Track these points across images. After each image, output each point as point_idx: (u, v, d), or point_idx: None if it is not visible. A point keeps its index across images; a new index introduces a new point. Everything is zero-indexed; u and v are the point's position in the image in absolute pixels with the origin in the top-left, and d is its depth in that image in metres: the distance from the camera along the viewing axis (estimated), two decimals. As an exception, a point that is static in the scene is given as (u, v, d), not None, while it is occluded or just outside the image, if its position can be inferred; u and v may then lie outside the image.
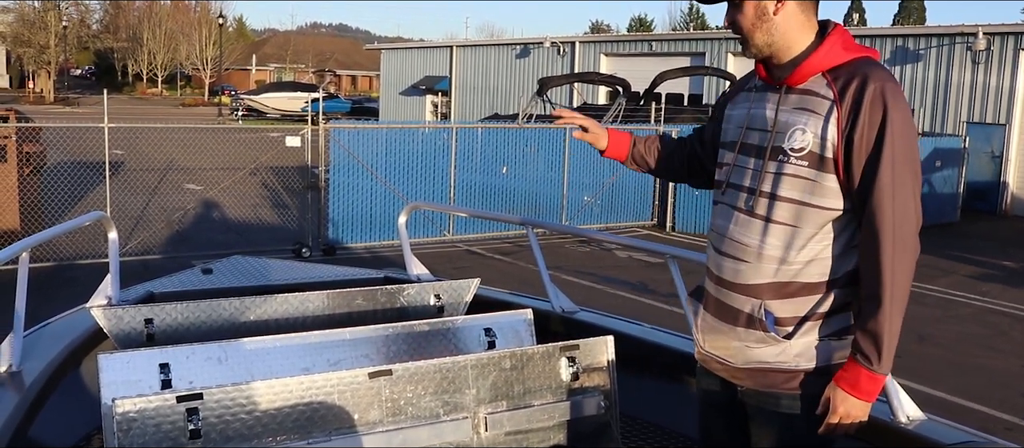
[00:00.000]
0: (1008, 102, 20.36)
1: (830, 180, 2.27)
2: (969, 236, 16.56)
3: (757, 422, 2.46)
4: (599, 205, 15.95)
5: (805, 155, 2.28)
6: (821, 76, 2.32)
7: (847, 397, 2.25)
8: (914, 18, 65.03)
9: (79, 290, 6.70)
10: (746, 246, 2.38)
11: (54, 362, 3.33)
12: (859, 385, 2.24)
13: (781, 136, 2.33)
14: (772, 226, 2.33)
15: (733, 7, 2.38)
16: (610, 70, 28.33)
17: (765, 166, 2.35)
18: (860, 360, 2.23)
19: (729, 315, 2.44)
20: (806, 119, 2.29)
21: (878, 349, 2.21)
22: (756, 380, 2.41)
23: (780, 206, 2.32)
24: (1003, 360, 8.44)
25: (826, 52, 2.32)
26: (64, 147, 13.71)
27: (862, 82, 2.23)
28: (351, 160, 12.99)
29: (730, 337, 2.44)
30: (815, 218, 2.30)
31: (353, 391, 2.74)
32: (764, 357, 2.38)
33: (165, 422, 2.48)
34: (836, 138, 2.24)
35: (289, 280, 4.86)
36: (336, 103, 46.55)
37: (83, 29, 70.79)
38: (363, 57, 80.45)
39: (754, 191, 2.37)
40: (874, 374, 2.23)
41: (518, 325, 3.80)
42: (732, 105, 2.57)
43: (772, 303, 2.35)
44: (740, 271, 2.39)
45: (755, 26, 2.35)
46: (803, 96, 2.33)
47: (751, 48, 2.39)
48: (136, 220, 13.74)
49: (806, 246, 2.31)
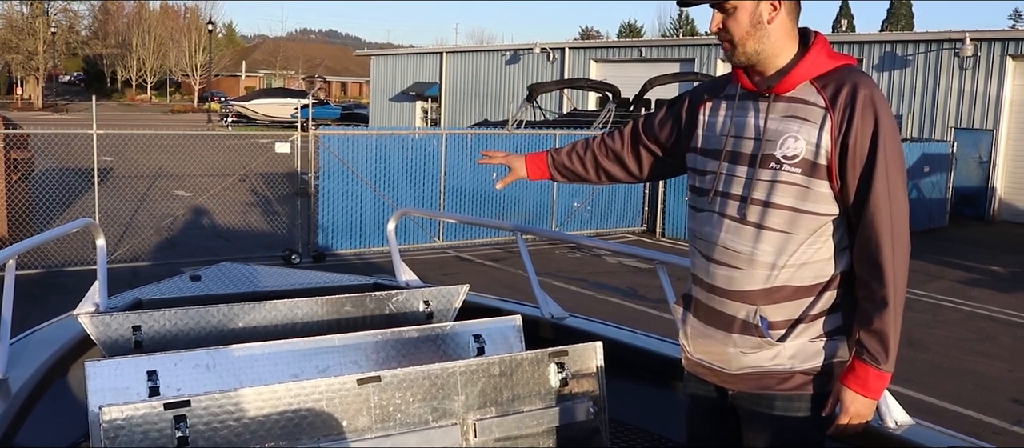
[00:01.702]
0: (995, 108, 20.47)
1: (822, 186, 2.31)
2: (957, 241, 16.63)
3: (751, 425, 2.47)
4: (589, 211, 15.96)
5: (798, 162, 2.31)
6: (809, 84, 2.35)
7: (857, 397, 2.30)
8: (902, 24, 65.37)
9: (67, 297, 6.68)
10: (738, 253, 2.39)
11: (41, 369, 3.31)
12: (868, 384, 2.29)
13: (772, 144, 2.35)
14: (765, 233, 2.35)
15: (724, 13, 2.37)
16: (600, 76, 28.38)
17: (757, 174, 2.36)
18: (868, 360, 2.28)
19: (722, 322, 2.45)
20: (798, 127, 2.32)
21: (885, 348, 2.27)
22: (749, 384, 2.43)
23: (773, 213, 2.34)
24: (991, 365, 8.48)
25: (813, 60, 2.35)
26: (52, 154, 13.65)
27: (852, 89, 2.28)
28: (341, 166, 12.97)
29: (724, 344, 2.45)
30: (808, 224, 2.33)
31: (342, 398, 2.74)
32: (759, 361, 2.40)
33: (152, 430, 2.47)
34: (830, 145, 2.28)
35: (278, 287, 4.85)
36: (326, 109, 46.48)
37: (72, 35, 70.52)
38: (353, 63, 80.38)
39: (746, 199, 2.38)
40: (882, 373, 2.29)
41: (507, 331, 3.80)
42: (709, 112, 2.56)
43: (766, 308, 2.37)
44: (733, 278, 2.40)
45: (748, 34, 2.36)
46: (791, 104, 2.35)
47: (739, 56, 2.39)
48: (125, 227, 13.70)
49: (798, 251, 2.34)
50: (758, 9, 2.34)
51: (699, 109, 2.60)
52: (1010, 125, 20.47)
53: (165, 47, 72.63)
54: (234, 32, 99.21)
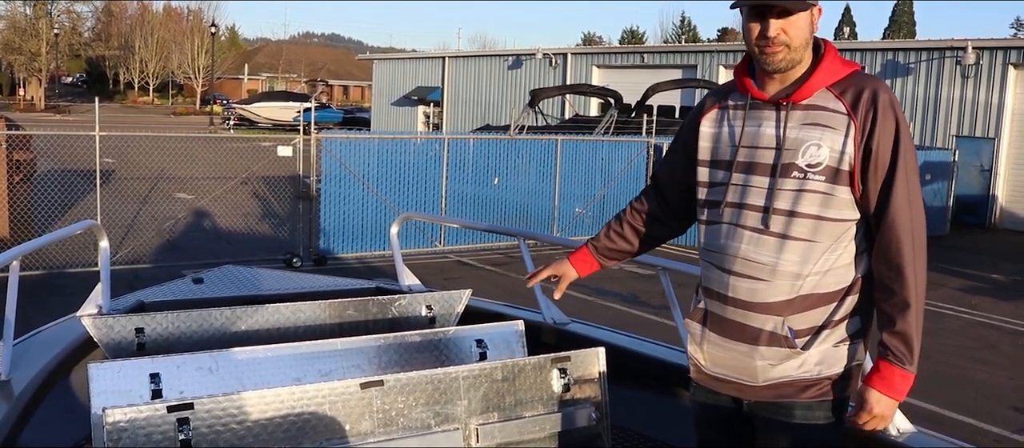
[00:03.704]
0: (997, 116, 20.47)
1: (844, 192, 2.31)
2: (959, 249, 16.62)
3: (769, 433, 2.45)
4: (590, 216, 15.96)
5: (822, 170, 2.31)
6: (826, 90, 2.34)
7: (882, 397, 2.31)
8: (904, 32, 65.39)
9: (70, 299, 6.68)
10: (762, 265, 2.37)
11: (44, 371, 3.31)
12: (894, 385, 2.30)
13: (793, 153, 2.34)
14: (789, 242, 2.34)
15: (778, 16, 2.31)
16: (602, 82, 28.39)
17: (779, 184, 2.35)
18: (893, 361, 2.29)
19: (747, 335, 2.41)
20: (820, 134, 2.31)
21: (909, 349, 2.29)
22: (770, 393, 2.41)
23: (798, 222, 2.33)
24: (993, 373, 8.47)
25: (829, 67, 2.36)
26: (55, 155, 13.67)
27: (873, 94, 2.29)
28: (343, 170, 12.98)
29: (749, 357, 2.41)
30: (831, 230, 2.33)
31: (344, 402, 2.74)
32: (786, 372, 2.38)
33: (156, 432, 2.48)
34: (853, 151, 2.29)
35: (280, 290, 4.85)
36: (328, 113, 46.56)
37: (75, 37, 70.55)
38: (355, 67, 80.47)
39: (767, 209, 2.36)
40: (907, 373, 2.30)
41: (509, 336, 3.80)
42: (712, 123, 2.54)
43: (793, 318, 2.36)
44: (757, 290, 2.38)
45: (808, 41, 2.34)
46: (810, 111, 2.34)
47: (785, 59, 2.34)
48: (127, 229, 13.70)
49: (821, 259, 2.34)
50: (812, 15, 2.34)
51: (700, 122, 2.57)
52: (1011, 133, 20.48)
53: (168, 49, 72.71)
54: (237, 35, 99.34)
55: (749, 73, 2.47)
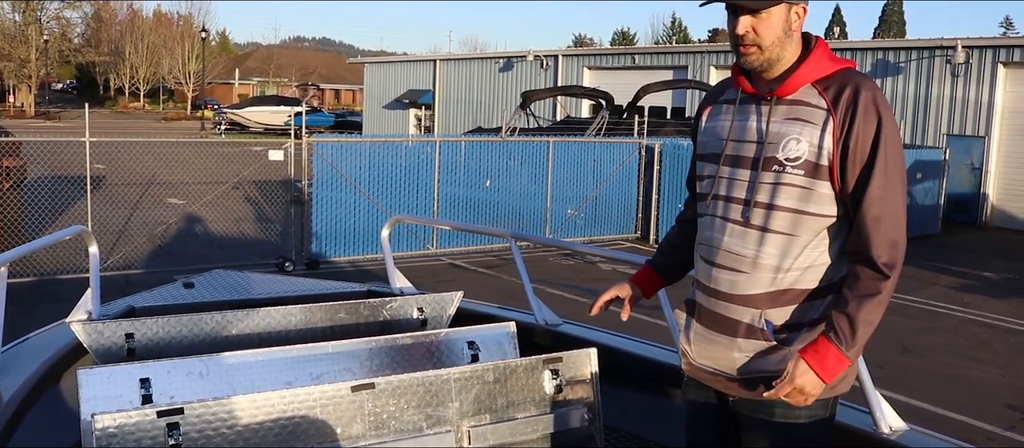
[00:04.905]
0: (987, 114, 20.55)
1: (825, 187, 2.31)
2: (950, 248, 16.67)
3: (750, 432, 2.46)
4: (583, 218, 15.96)
5: (801, 164, 2.31)
6: (811, 86, 2.35)
7: (808, 371, 2.25)
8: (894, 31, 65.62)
9: (59, 305, 6.65)
10: (742, 257, 2.38)
11: (33, 377, 3.29)
12: (825, 362, 2.25)
13: (774, 146, 2.35)
14: (769, 236, 2.35)
15: (751, 16, 2.32)
16: (593, 83, 28.41)
17: (759, 177, 2.36)
18: (833, 337, 2.25)
19: (726, 327, 2.43)
20: (800, 129, 2.32)
21: (853, 332, 2.24)
22: (751, 389, 2.42)
23: (777, 216, 2.34)
24: (985, 371, 8.49)
25: (815, 63, 2.36)
26: (45, 161, 13.63)
27: (854, 91, 2.29)
28: (334, 174, 12.96)
29: (728, 348, 2.43)
30: (811, 225, 2.33)
31: (335, 405, 2.73)
32: (764, 366, 2.39)
33: (145, 437, 2.46)
34: (832, 146, 2.29)
35: (272, 294, 4.84)
36: (319, 117, 46.44)
37: (64, 43, 70.25)
38: (346, 71, 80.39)
39: (749, 202, 2.38)
40: (842, 355, 2.25)
41: (501, 338, 3.80)
42: (708, 118, 2.57)
43: (771, 312, 2.36)
44: (737, 282, 2.39)
45: (779, 40, 2.34)
46: (793, 106, 2.35)
47: (761, 60, 2.36)
48: (118, 235, 13.66)
49: (802, 254, 2.34)
50: (790, 14, 2.34)
51: (701, 117, 2.61)
52: (1002, 132, 20.55)
53: (158, 55, 72.59)
54: (227, 39, 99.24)
55: (743, 69, 2.49)
